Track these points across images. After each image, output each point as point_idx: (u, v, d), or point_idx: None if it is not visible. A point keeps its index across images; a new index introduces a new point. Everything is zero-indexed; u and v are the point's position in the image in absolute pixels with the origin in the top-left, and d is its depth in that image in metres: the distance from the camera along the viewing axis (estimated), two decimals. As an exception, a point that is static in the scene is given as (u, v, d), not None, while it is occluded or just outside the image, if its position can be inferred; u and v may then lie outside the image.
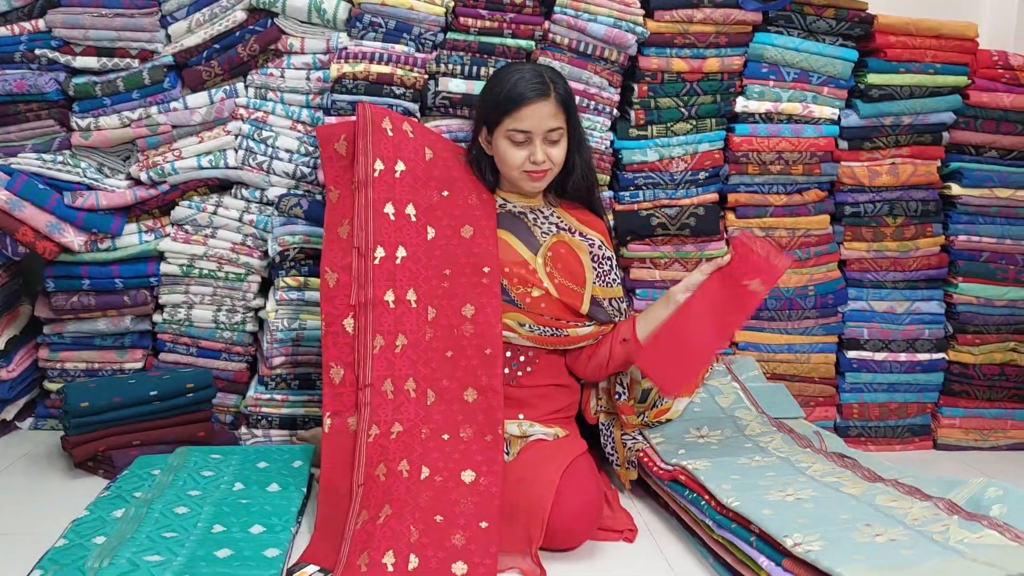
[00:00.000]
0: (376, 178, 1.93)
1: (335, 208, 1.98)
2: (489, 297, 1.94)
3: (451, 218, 1.99)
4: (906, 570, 1.30)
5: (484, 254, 1.96)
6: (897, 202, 2.40)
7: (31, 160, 2.26)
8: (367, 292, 1.89)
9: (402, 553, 1.59)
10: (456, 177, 2.03)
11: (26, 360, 2.37)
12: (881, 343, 2.46)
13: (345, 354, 1.89)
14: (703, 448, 1.96)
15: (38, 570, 1.52)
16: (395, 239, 1.93)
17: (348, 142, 1.99)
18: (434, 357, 1.91)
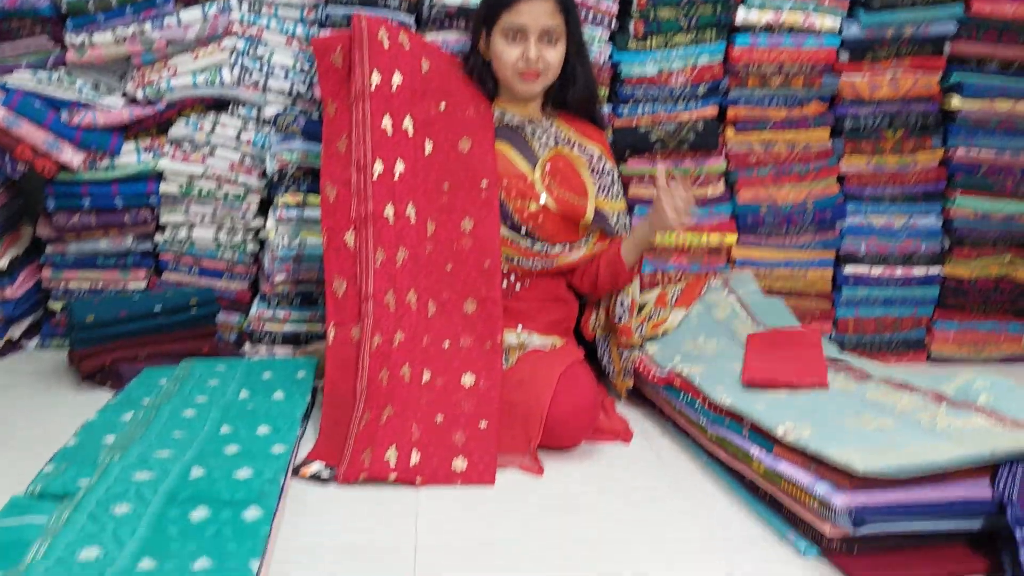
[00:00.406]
0: (373, 91, 1.93)
1: (333, 122, 1.98)
2: (487, 211, 1.95)
3: (449, 131, 1.98)
4: (892, 451, 1.34)
5: (482, 167, 1.96)
6: (897, 115, 2.40)
7: (26, 78, 2.26)
8: (367, 207, 1.90)
9: (404, 449, 1.63)
10: (454, 89, 2.02)
11: (29, 280, 2.40)
12: (878, 258, 2.47)
13: (347, 268, 1.91)
14: (698, 356, 1.98)
15: (51, 465, 1.56)
16: (393, 153, 1.93)
17: (344, 54, 1.98)
18: (434, 271, 1.93)
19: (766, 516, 1.51)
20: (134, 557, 1.23)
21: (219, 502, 1.39)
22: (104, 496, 1.38)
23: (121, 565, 1.21)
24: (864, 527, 1.31)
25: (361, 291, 1.89)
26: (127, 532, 1.29)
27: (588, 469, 1.74)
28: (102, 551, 1.23)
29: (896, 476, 1.30)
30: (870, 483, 1.32)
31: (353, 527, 1.48)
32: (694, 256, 2.43)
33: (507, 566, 1.37)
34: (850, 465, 1.31)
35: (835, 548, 1.36)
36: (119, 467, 1.47)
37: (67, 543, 1.24)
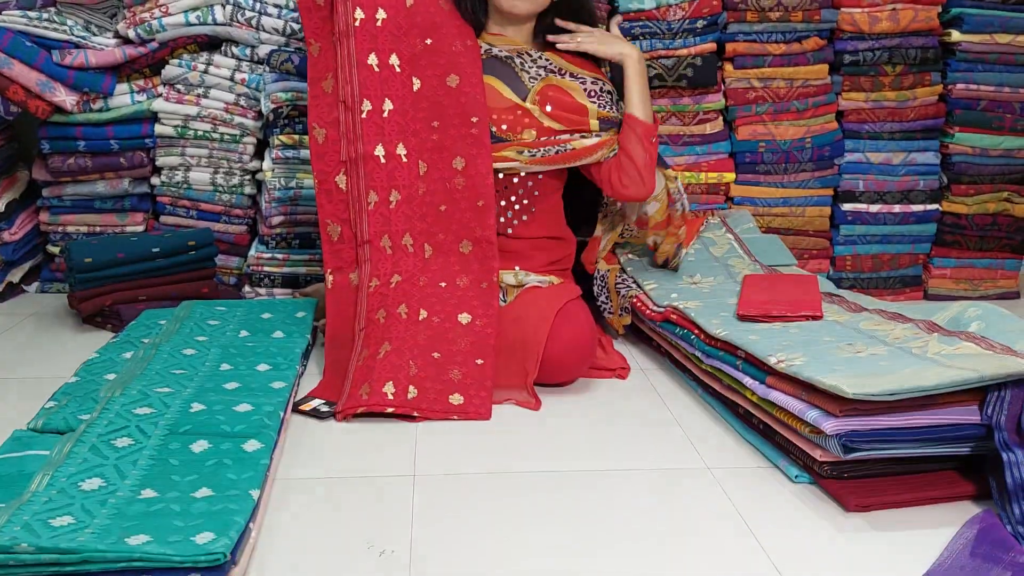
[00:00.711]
0: (357, 28, 1.89)
1: (317, 62, 1.94)
2: (479, 148, 1.92)
3: (436, 67, 1.94)
4: (884, 376, 1.35)
5: (471, 103, 1.93)
6: (896, 50, 2.37)
7: (16, 17, 2.23)
8: (357, 147, 1.89)
9: (401, 384, 1.65)
10: (439, 23, 1.97)
11: (27, 224, 2.40)
12: (876, 195, 2.47)
13: (340, 211, 1.91)
14: (695, 292, 1.99)
15: (52, 401, 1.58)
16: (381, 91, 1.90)
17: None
18: (429, 212, 1.93)
19: (759, 445, 1.53)
20: (136, 487, 1.25)
21: (219, 435, 1.41)
22: (105, 430, 1.40)
23: (123, 495, 1.23)
24: (854, 452, 1.33)
25: (357, 235, 1.89)
26: (128, 464, 1.31)
27: (585, 403, 1.76)
28: (104, 482, 1.26)
29: (884, 399, 1.31)
30: (860, 409, 1.34)
31: (352, 460, 1.50)
32: (692, 195, 2.43)
33: (505, 493, 1.39)
34: (840, 389, 1.32)
35: (825, 474, 1.38)
36: (120, 402, 1.49)
37: (69, 475, 1.26)
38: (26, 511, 1.15)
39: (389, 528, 1.28)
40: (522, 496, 1.39)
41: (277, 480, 1.41)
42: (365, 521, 1.30)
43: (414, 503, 1.35)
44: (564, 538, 1.27)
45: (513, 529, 1.29)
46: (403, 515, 1.32)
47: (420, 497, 1.37)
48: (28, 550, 1.05)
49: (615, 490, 1.41)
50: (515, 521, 1.31)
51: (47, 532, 1.10)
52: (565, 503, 1.37)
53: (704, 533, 1.29)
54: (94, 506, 1.19)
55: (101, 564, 1.06)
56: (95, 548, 1.06)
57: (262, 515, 1.29)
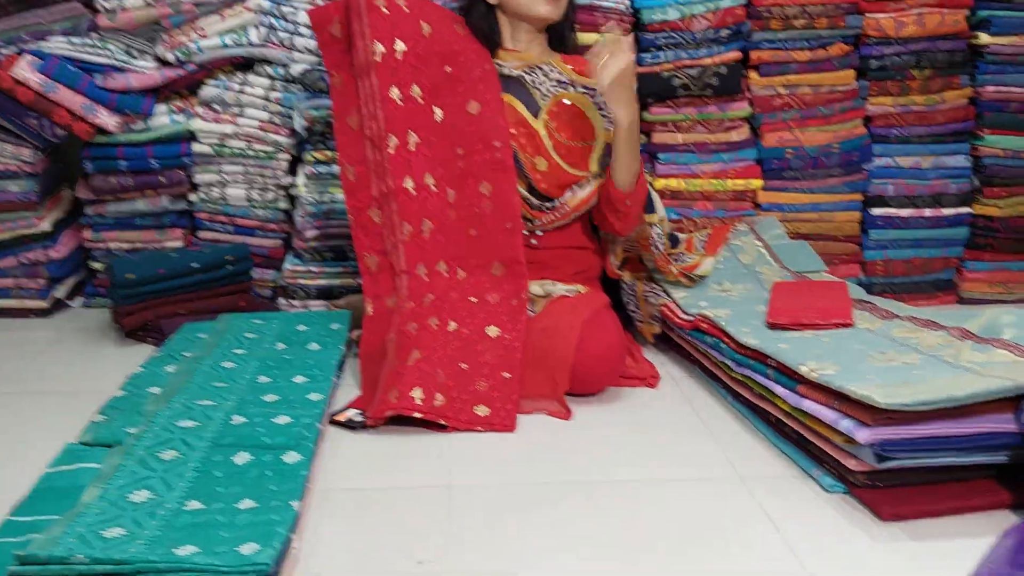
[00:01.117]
0: (378, 63, 1.90)
1: (340, 95, 1.97)
2: (503, 172, 1.95)
3: (456, 95, 1.96)
4: (916, 385, 1.36)
5: (493, 129, 1.95)
6: (924, 53, 2.37)
7: (61, 44, 2.30)
8: (387, 183, 1.92)
9: (429, 391, 1.68)
10: (457, 50, 1.98)
11: (72, 241, 2.48)
12: (906, 199, 2.46)
13: (376, 243, 1.96)
14: (724, 300, 2.01)
15: (101, 415, 1.64)
16: (405, 125, 1.92)
17: (342, 24, 1.94)
18: (460, 237, 1.96)
19: (791, 454, 1.54)
20: (182, 499, 1.30)
21: (260, 447, 1.46)
22: (152, 443, 1.45)
23: (171, 506, 1.28)
24: (888, 461, 1.34)
25: (394, 265, 1.93)
26: (175, 476, 1.36)
27: (616, 412, 1.78)
28: (153, 494, 1.30)
29: (917, 409, 1.32)
30: (894, 418, 1.34)
31: (387, 471, 1.54)
32: (719, 202, 2.44)
33: (538, 503, 1.42)
34: (872, 399, 1.33)
35: (860, 483, 1.39)
36: (165, 416, 1.54)
37: (119, 487, 1.31)
38: (80, 523, 1.19)
39: (425, 538, 1.31)
40: (555, 505, 1.41)
41: (315, 491, 1.45)
42: (401, 531, 1.34)
43: (449, 513, 1.38)
44: (598, 547, 1.30)
45: (547, 538, 1.32)
46: (438, 525, 1.35)
47: (455, 507, 1.40)
48: (83, 561, 1.09)
49: (648, 499, 1.43)
50: (549, 530, 1.34)
51: (100, 543, 1.15)
52: (598, 512, 1.39)
53: (738, 542, 1.31)
54: (144, 517, 1.23)
55: (152, 574, 1.10)
56: (146, 559, 1.11)
57: (302, 525, 1.32)
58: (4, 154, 2.33)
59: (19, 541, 1.21)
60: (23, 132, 2.30)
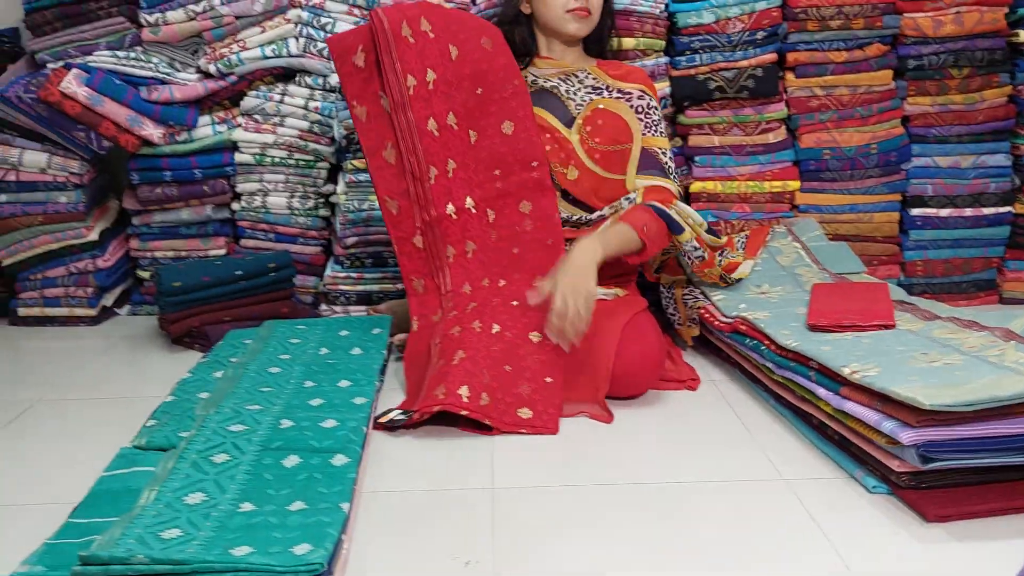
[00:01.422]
0: (412, 95, 1.91)
1: (367, 128, 1.96)
2: (542, 190, 1.98)
3: (489, 116, 1.97)
4: (960, 386, 1.35)
5: (528, 148, 1.96)
6: (962, 52, 2.35)
7: (106, 57, 2.36)
8: (429, 212, 1.96)
9: (475, 390, 1.69)
10: (485, 69, 1.98)
11: (119, 250, 2.54)
12: (946, 199, 2.45)
13: (422, 266, 2.01)
14: (763, 302, 2.01)
15: (152, 420, 1.68)
16: (444, 154, 1.94)
17: (366, 52, 1.93)
18: (502, 257, 1.99)
19: (834, 455, 1.54)
20: (235, 501, 1.33)
21: (309, 450, 1.49)
22: (204, 447, 1.48)
23: (224, 508, 1.31)
24: (932, 463, 1.34)
25: (440, 287, 1.97)
26: (227, 479, 1.39)
27: (656, 415, 1.79)
28: (206, 496, 1.34)
29: (962, 410, 1.31)
30: (938, 419, 1.34)
31: (432, 474, 1.56)
32: (756, 204, 2.44)
33: (582, 505, 1.43)
34: (916, 400, 1.33)
35: (904, 485, 1.38)
36: (215, 420, 1.58)
37: (174, 489, 1.35)
38: (138, 524, 1.23)
39: (471, 539, 1.33)
40: (599, 508, 1.42)
41: (362, 493, 1.47)
42: (448, 533, 1.35)
43: (494, 515, 1.40)
44: (642, 548, 1.31)
45: (591, 540, 1.33)
46: (484, 527, 1.37)
47: (500, 510, 1.42)
48: (143, 561, 1.12)
49: (691, 501, 1.44)
50: (593, 532, 1.35)
51: (158, 544, 1.18)
52: (642, 514, 1.40)
53: (782, 544, 1.31)
54: (199, 519, 1.26)
55: (209, 574, 1.13)
56: (203, 559, 1.14)
57: (351, 527, 1.35)
58: (53, 166, 2.39)
59: (79, 542, 1.25)
60: (71, 144, 2.36)
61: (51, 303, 2.47)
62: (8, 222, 2.42)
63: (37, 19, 2.40)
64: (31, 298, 2.47)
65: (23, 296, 2.48)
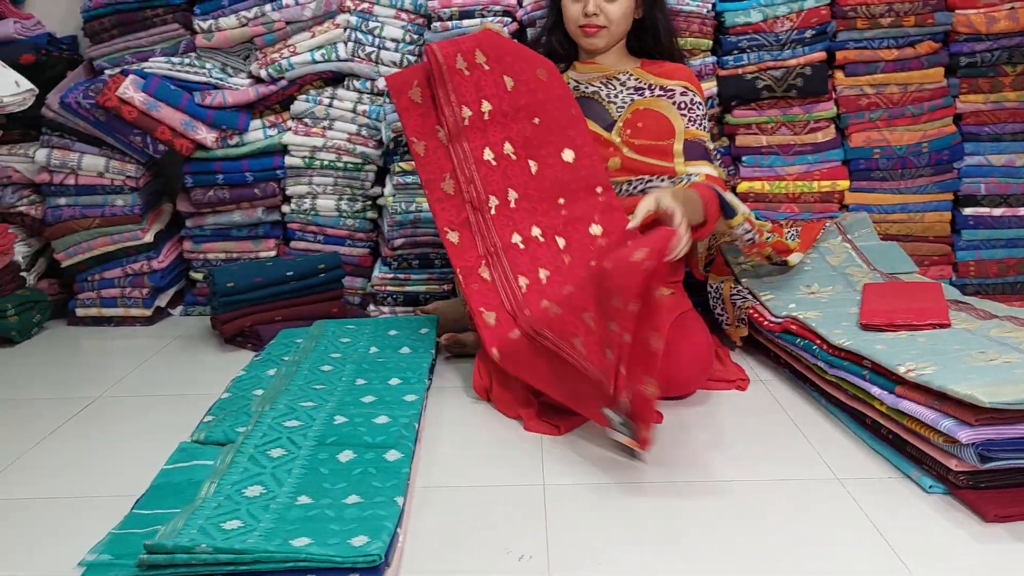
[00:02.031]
0: (467, 126, 1.90)
1: (427, 162, 1.93)
2: (611, 211, 1.92)
3: (549, 145, 1.94)
4: (1020, 384, 1.33)
5: (591, 174, 1.93)
6: (1016, 49, 2.32)
7: (161, 63, 2.42)
8: (492, 241, 1.90)
9: None
10: (542, 99, 1.96)
11: (172, 252, 2.59)
12: (999, 198, 2.41)
13: (492, 298, 1.89)
14: (813, 302, 1.99)
15: (210, 415, 1.72)
16: (503, 184, 1.91)
17: (422, 87, 1.93)
18: (575, 278, 1.85)
19: (889, 455, 1.53)
20: (293, 494, 1.35)
21: (362, 445, 1.51)
22: (260, 442, 1.51)
23: (282, 501, 1.33)
24: (991, 462, 1.32)
25: (515, 316, 1.85)
26: (284, 473, 1.42)
27: (706, 415, 1.78)
28: (264, 489, 1.36)
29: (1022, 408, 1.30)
30: (996, 417, 1.32)
31: (483, 470, 1.57)
32: (805, 204, 2.42)
33: (633, 503, 1.44)
34: (975, 398, 1.31)
35: (962, 484, 1.37)
36: (271, 416, 1.60)
37: (233, 482, 1.37)
38: (200, 516, 1.26)
39: (524, 535, 1.34)
40: (650, 506, 1.42)
41: (415, 488, 1.49)
42: (501, 528, 1.37)
43: (546, 512, 1.41)
44: (695, 546, 1.31)
45: (643, 537, 1.33)
46: (537, 523, 1.37)
47: (552, 506, 1.42)
48: (207, 550, 1.15)
49: (744, 501, 1.43)
50: (645, 530, 1.35)
51: (220, 535, 1.21)
52: (694, 512, 1.40)
53: (839, 544, 1.30)
54: (258, 511, 1.29)
55: (270, 564, 1.15)
56: (265, 549, 1.16)
57: (406, 521, 1.37)
58: (110, 170, 2.45)
59: (143, 532, 1.29)
60: (128, 149, 2.42)
61: (108, 303, 2.53)
62: (67, 224, 2.48)
63: (95, 27, 2.47)
64: (88, 299, 2.53)
65: (81, 297, 2.54)
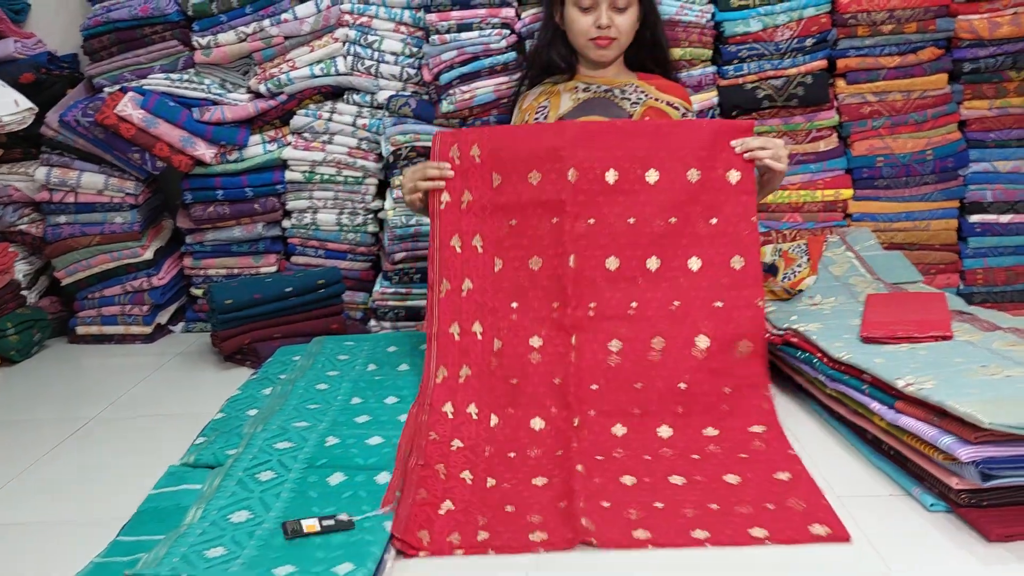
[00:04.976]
0: (443, 210, 1.87)
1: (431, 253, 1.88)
2: (559, 331, 1.80)
3: (519, 248, 1.87)
4: (1020, 401, 1.30)
5: (554, 287, 1.83)
6: (1020, 54, 2.29)
7: (160, 80, 2.42)
8: (433, 327, 1.83)
9: None
10: (525, 202, 1.87)
11: (173, 269, 2.59)
12: (1006, 204, 2.37)
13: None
14: (815, 314, 1.96)
15: (201, 437, 1.71)
16: (461, 271, 1.86)
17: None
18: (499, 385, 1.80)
19: (889, 471, 1.49)
20: (279, 519, 1.34)
21: (353, 468, 1.49)
22: (250, 465, 1.50)
23: (268, 527, 1.32)
24: (993, 479, 1.29)
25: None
26: (272, 497, 1.40)
27: (706, 429, 1.75)
28: (251, 514, 1.35)
29: (1023, 432, 1.27)
30: (998, 434, 1.29)
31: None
32: (808, 213, 2.39)
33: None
34: (975, 418, 1.28)
35: (964, 503, 1.33)
36: (262, 438, 1.59)
37: (220, 507, 1.36)
38: (183, 543, 1.24)
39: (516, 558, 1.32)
40: (646, 525, 1.40)
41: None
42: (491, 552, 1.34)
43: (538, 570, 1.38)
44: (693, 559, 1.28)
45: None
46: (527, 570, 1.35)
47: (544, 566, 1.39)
48: (188, 579, 1.14)
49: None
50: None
51: (202, 563, 1.19)
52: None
53: (836, 564, 1.27)
54: (243, 537, 1.27)
55: (252, 593, 1.14)
56: (246, 578, 1.15)
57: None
58: (110, 187, 2.45)
59: (126, 560, 1.27)
60: (126, 166, 2.43)
61: (108, 321, 2.53)
62: (67, 242, 2.49)
63: (94, 45, 2.48)
64: (89, 316, 2.54)
65: (81, 315, 2.54)
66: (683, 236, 1.82)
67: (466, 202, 1.88)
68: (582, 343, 1.78)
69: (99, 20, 2.44)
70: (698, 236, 1.82)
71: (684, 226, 1.82)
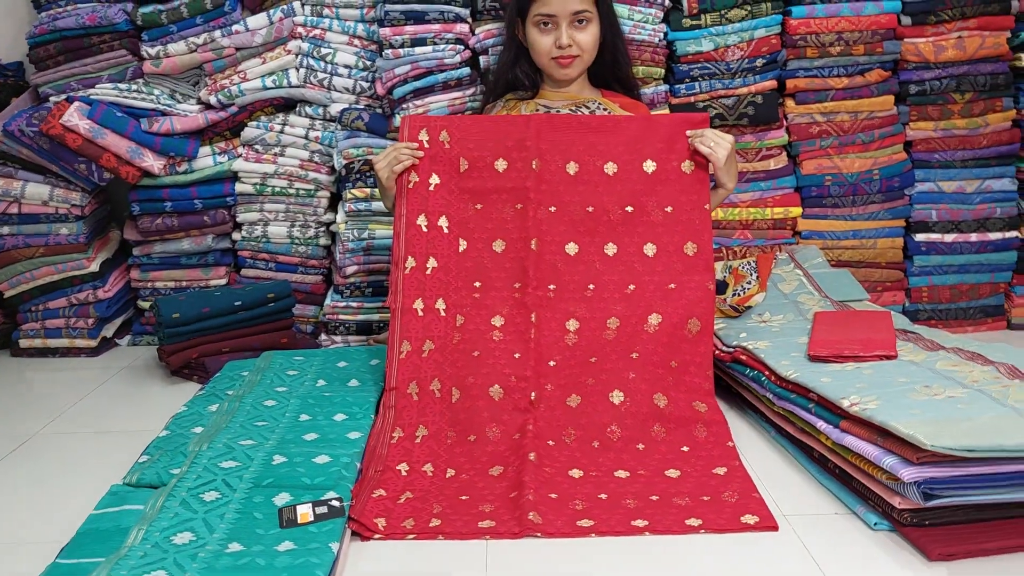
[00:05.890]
0: (410, 191, 1.91)
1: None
2: (520, 308, 1.85)
3: (484, 231, 1.91)
4: (961, 423, 1.33)
5: (516, 269, 1.88)
6: (964, 77, 2.34)
7: (108, 90, 2.38)
8: (397, 301, 1.88)
9: None
10: (491, 188, 1.92)
11: (119, 281, 2.54)
12: (951, 224, 2.43)
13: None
14: (764, 331, 1.98)
15: (145, 455, 1.67)
16: (427, 251, 1.90)
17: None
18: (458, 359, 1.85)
19: (836, 491, 1.51)
20: (223, 541, 1.31)
21: (300, 487, 1.47)
22: (194, 484, 1.47)
23: (212, 549, 1.29)
24: (935, 499, 1.31)
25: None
26: (216, 518, 1.38)
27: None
28: (194, 536, 1.32)
29: (964, 455, 1.29)
30: (940, 455, 1.31)
31: (428, 508, 1.53)
32: (758, 231, 2.42)
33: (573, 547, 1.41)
34: (917, 439, 1.30)
35: (906, 522, 1.35)
36: (207, 456, 1.56)
37: (162, 529, 1.33)
38: (123, 566, 1.21)
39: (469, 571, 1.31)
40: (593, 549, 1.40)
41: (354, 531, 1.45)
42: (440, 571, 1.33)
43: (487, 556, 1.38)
44: (631, 549, 1.30)
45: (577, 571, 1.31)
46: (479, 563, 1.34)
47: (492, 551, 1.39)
48: (126, 606, 1.11)
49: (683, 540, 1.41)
50: (570, 561, 1.33)
51: (143, 587, 1.16)
52: (624, 546, 1.38)
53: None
54: (185, 560, 1.25)
55: (193, 619, 1.11)
56: (187, 603, 1.12)
57: (341, 568, 1.33)
58: (55, 198, 2.40)
59: (65, 584, 1.24)
60: (72, 177, 2.37)
61: (52, 334, 2.47)
62: (10, 254, 2.43)
63: (40, 53, 2.42)
64: (32, 329, 2.47)
65: (25, 327, 2.48)
66: (639, 224, 1.90)
67: (433, 184, 1.93)
68: (541, 321, 1.84)
69: (45, 28, 2.39)
70: (653, 224, 1.89)
71: (640, 215, 1.89)
